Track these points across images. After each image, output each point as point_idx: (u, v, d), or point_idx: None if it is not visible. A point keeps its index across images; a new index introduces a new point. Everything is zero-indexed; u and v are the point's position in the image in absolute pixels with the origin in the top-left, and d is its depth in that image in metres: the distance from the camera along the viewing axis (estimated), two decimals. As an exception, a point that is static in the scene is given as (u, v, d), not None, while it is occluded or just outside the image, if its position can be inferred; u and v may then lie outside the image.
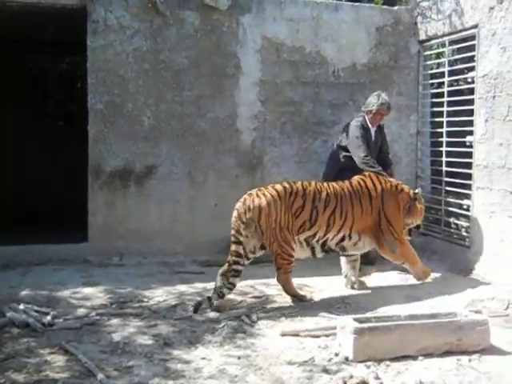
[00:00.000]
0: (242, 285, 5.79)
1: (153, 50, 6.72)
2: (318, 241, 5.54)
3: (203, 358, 4.00)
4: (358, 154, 6.22)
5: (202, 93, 6.85)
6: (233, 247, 5.29)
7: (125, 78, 6.66)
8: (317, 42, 7.10)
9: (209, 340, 4.33)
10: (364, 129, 6.34)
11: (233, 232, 5.31)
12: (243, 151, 7.00)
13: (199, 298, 5.22)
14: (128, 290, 5.58)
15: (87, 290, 5.56)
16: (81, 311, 4.93)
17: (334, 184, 5.69)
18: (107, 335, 4.41)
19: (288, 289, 5.38)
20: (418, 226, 6.16)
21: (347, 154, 6.39)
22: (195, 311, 4.92)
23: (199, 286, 5.77)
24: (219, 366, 3.88)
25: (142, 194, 6.77)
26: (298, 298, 5.37)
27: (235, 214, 5.34)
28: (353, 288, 5.82)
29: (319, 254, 5.64)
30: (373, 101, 6.36)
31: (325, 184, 5.68)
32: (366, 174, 5.90)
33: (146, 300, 5.29)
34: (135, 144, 6.70)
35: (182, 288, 5.69)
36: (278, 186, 5.46)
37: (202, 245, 6.78)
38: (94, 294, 5.44)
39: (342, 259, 5.88)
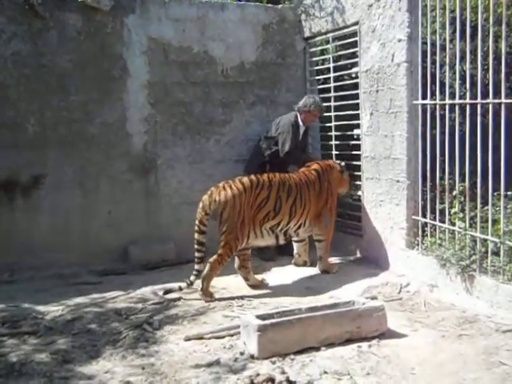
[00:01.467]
0: (142, 291, 5.71)
1: (33, 54, 6.39)
2: (281, 229, 5.93)
3: (106, 372, 3.87)
4: (284, 148, 6.64)
5: (89, 97, 6.62)
6: (196, 236, 5.60)
7: (4, 85, 6.29)
8: (204, 41, 7.06)
9: (110, 353, 4.19)
10: (296, 126, 6.73)
11: (197, 222, 5.61)
12: (135, 155, 6.85)
13: (97, 310, 5.08)
14: (21, 307, 5.29)
15: (-24, 311, 5.22)
16: (-30, 334, 4.62)
17: (293, 175, 6.14)
18: (1, 357, 4.14)
19: (208, 278, 5.49)
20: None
21: (275, 146, 6.72)
22: (165, 293, 5.49)
23: (97, 296, 5.58)
24: (123, 378, 3.77)
25: (30, 205, 6.44)
26: (205, 291, 5.44)
27: (200, 205, 5.63)
28: (304, 266, 6.48)
29: (282, 241, 6.09)
30: (309, 101, 6.70)
31: (286, 175, 6.07)
32: (312, 163, 6.39)
33: (41, 316, 5.03)
34: (19, 153, 6.35)
35: (79, 300, 5.47)
36: (245, 179, 5.77)
37: (97, 254, 6.56)
38: (-16, 315, 5.11)
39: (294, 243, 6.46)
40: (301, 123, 6.77)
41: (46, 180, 6.49)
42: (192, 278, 5.56)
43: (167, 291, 5.52)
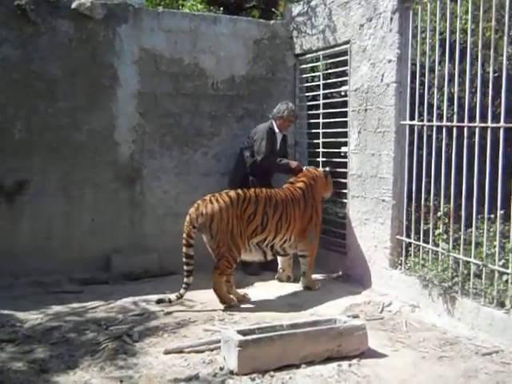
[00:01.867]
0: (123, 302, 5.67)
1: (23, 60, 6.36)
2: (267, 245, 5.97)
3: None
4: (260, 152, 6.67)
5: (77, 104, 6.59)
6: (184, 249, 5.59)
7: (-8, 89, 6.27)
8: (195, 54, 7.08)
9: (89, 364, 4.14)
10: (272, 133, 6.78)
11: (184, 235, 5.60)
12: (122, 164, 6.81)
13: (77, 319, 5.03)
14: (0, 314, 5.22)
15: (-47, 317, 5.14)
16: None
17: (279, 191, 6.17)
18: (-22, 365, 4.10)
19: (219, 290, 5.59)
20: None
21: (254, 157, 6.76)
22: (158, 302, 5.47)
23: (77, 305, 5.53)
24: (100, 390, 3.74)
25: (13, 211, 6.37)
26: (225, 301, 5.54)
27: (187, 218, 5.62)
28: (287, 281, 6.51)
29: (270, 257, 6.14)
30: (283, 107, 6.77)
31: (273, 191, 6.11)
32: (297, 180, 6.38)
33: (19, 324, 4.97)
34: (4, 158, 6.30)
35: (59, 309, 5.41)
36: (232, 193, 5.79)
37: (79, 262, 6.50)
38: (-38, 321, 5.04)
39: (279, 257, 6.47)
40: (277, 130, 6.82)
41: (30, 186, 6.43)
42: (182, 291, 5.55)
43: (160, 300, 5.48)
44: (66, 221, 6.60)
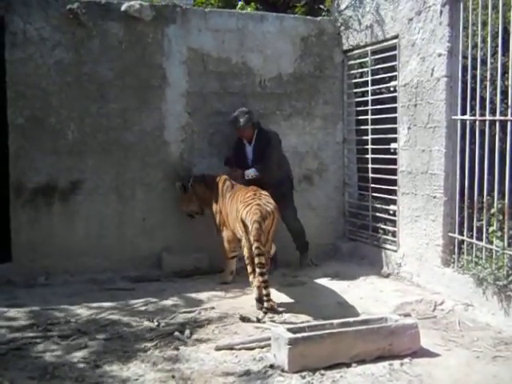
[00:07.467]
0: (174, 299, 5.75)
1: (75, 62, 6.52)
2: None
3: (136, 379, 3.91)
4: None
5: (127, 105, 6.71)
6: (257, 260, 5.29)
7: (47, 92, 6.43)
8: (243, 52, 7.11)
9: (142, 359, 4.22)
10: (237, 141, 6.81)
11: (257, 244, 5.27)
12: (171, 163, 6.91)
13: (130, 316, 5.17)
14: (55, 310, 5.38)
15: (12, 313, 5.31)
16: (5, 335, 4.71)
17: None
18: (35, 360, 4.23)
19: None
20: None
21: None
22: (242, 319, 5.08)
23: (130, 302, 5.65)
24: (153, 385, 3.80)
25: (67, 210, 6.55)
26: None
27: (256, 226, 5.31)
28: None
29: None
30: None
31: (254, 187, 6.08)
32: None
33: (74, 320, 5.12)
34: (59, 159, 6.48)
35: (112, 305, 5.54)
36: (260, 192, 5.81)
37: (131, 260, 6.64)
38: (20, 317, 5.21)
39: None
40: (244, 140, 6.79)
41: (83, 186, 6.59)
42: (264, 309, 5.21)
43: (242, 318, 5.11)
44: (117, 220, 6.74)
